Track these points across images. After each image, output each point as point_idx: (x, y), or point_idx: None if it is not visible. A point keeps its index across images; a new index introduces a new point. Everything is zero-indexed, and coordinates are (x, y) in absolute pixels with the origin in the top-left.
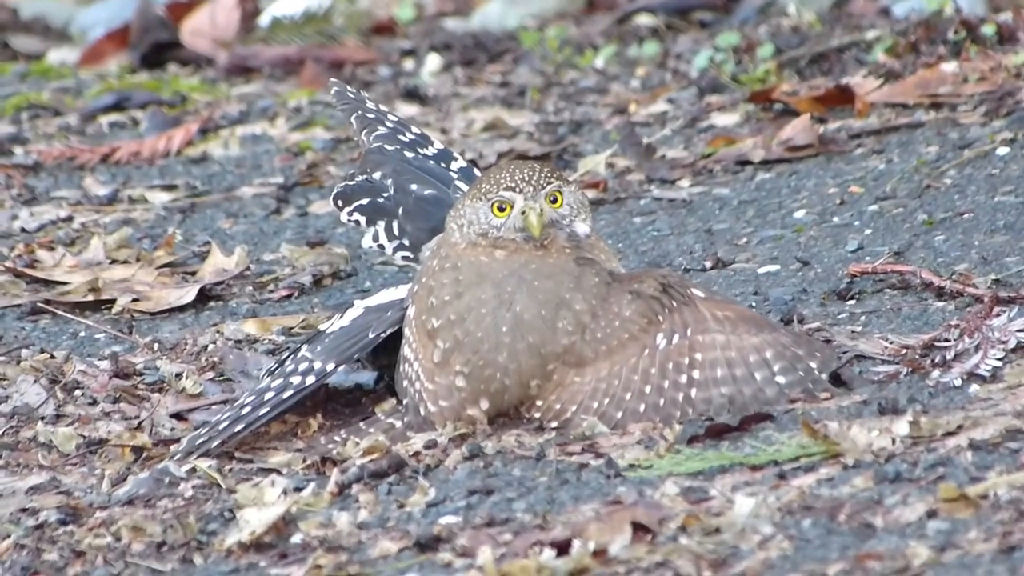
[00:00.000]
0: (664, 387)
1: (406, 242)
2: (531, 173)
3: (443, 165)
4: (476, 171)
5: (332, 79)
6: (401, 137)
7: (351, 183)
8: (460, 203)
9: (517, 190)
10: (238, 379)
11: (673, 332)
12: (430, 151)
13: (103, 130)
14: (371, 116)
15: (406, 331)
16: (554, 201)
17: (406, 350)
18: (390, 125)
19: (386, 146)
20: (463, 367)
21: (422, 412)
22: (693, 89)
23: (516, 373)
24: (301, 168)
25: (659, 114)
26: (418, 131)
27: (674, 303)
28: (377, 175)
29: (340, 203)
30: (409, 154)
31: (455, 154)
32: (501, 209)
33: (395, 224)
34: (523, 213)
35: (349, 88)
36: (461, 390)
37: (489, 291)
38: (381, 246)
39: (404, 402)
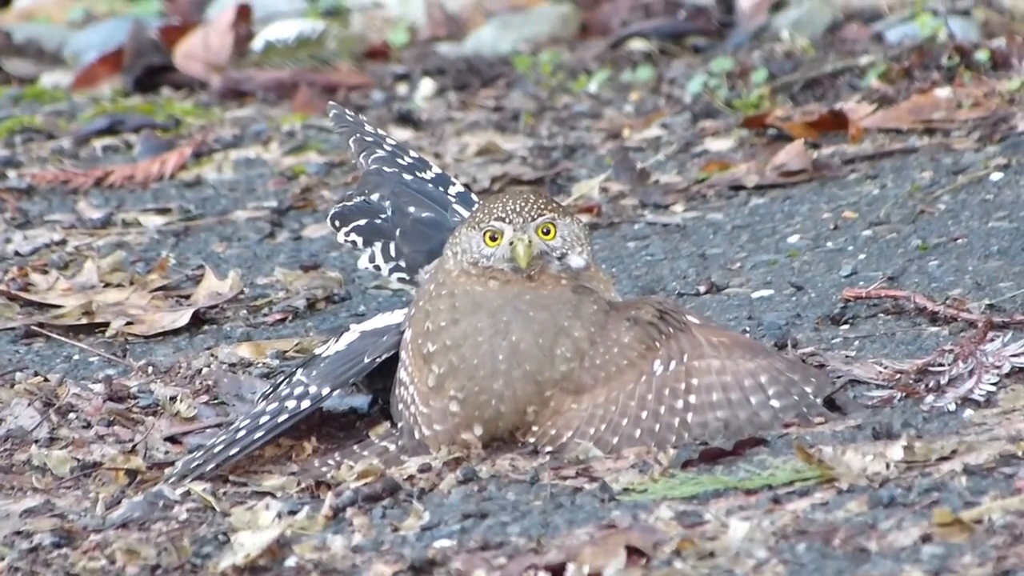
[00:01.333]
0: (660, 412)
1: (402, 264)
2: (523, 204)
3: (441, 189)
4: (473, 196)
5: (331, 102)
6: (399, 160)
7: (349, 204)
8: (457, 230)
9: (507, 220)
10: (232, 403)
11: (670, 358)
12: (428, 175)
13: (97, 153)
14: (369, 139)
15: (402, 354)
16: (547, 233)
17: (402, 373)
18: (388, 148)
19: (385, 168)
20: (457, 392)
21: (416, 435)
22: (687, 114)
23: (512, 400)
24: (295, 192)
25: (653, 139)
26: (416, 155)
27: (671, 329)
28: (375, 196)
29: (337, 223)
30: (408, 176)
31: (453, 179)
32: (492, 239)
33: (392, 246)
34: (511, 244)
35: (348, 111)
36: (455, 415)
37: (485, 320)
38: (377, 267)
39: (399, 425)
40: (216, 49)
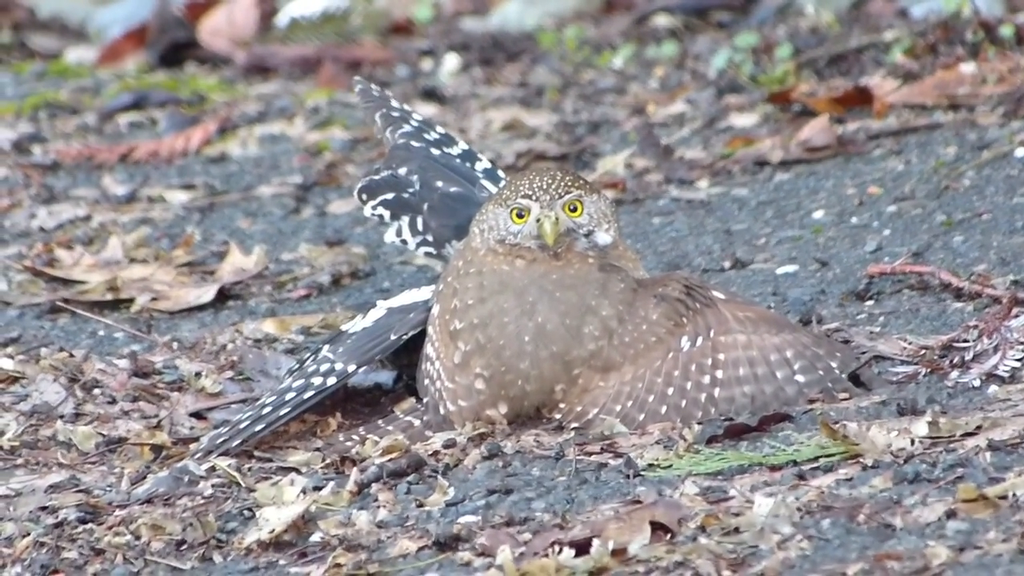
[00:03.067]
0: (687, 388)
1: (430, 238)
2: (550, 181)
3: (468, 164)
4: (499, 172)
5: (356, 77)
6: (426, 136)
7: (376, 177)
8: (484, 207)
9: (534, 198)
10: (257, 378)
11: (697, 334)
12: (455, 150)
13: (121, 129)
14: (396, 114)
15: (430, 329)
16: (573, 210)
17: (429, 348)
18: (415, 124)
19: (412, 142)
20: (483, 370)
21: (442, 411)
22: (711, 90)
23: (538, 380)
24: (319, 168)
25: (677, 115)
26: (443, 130)
27: (698, 305)
28: (403, 170)
29: (364, 197)
30: (435, 152)
31: (479, 155)
32: (520, 216)
33: (419, 220)
34: (538, 221)
35: (374, 86)
36: (480, 392)
37: (511, 300)
38: (404, 241)
39: (425, 400)
40: (241, 25)
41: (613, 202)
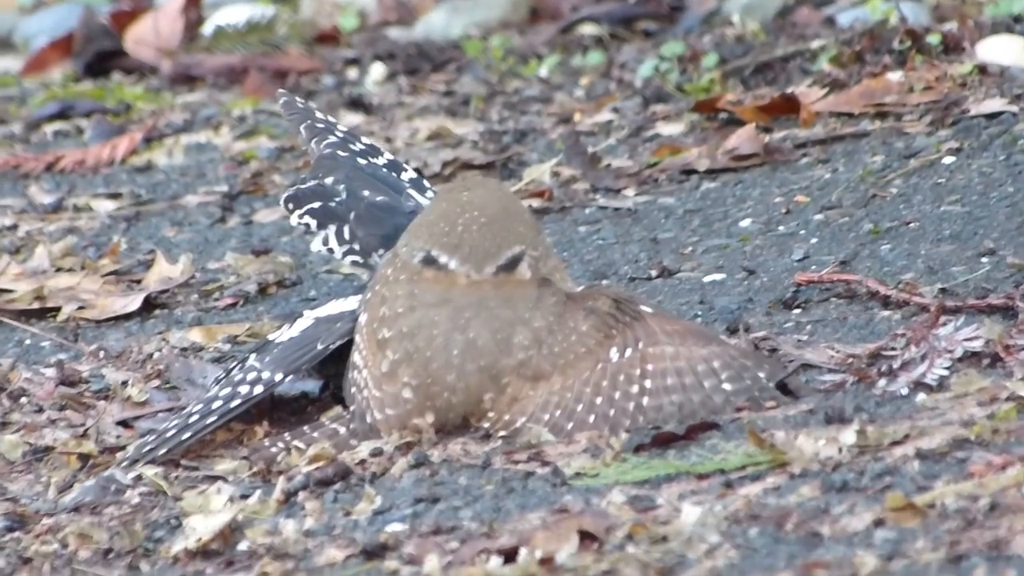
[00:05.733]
0: (615, 397)
1: (356, 247)
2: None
3: (394, 174)
4: (425, 182)
5: (280, 90)
6: (351, 146)
7: (303, 187)
8: (410, 230)
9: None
10: (184, 387)
11: (626, 346)
12: (380, 160)
13: (47, 138)
14: (320, 126)
15: (357, 337)
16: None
17: (356, 357)
18: (340, 135)
19: (339, 152)
20: (411, 379)
21: (368, 419)
22: (638, 98)
23: (464, 392)
24: (246, 177)
25: (604, 123)
26: (368, 142)
27: (627, 318)
28: (329, 180)
29: (291, 206)
30: (361, 161)
31: (405, 164)
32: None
33: (346, 229)
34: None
35: (298, 98)
36: (408, 401)
37: (444, 312)
38: (331, 250)
39: (351, 408)
40: (166, 34)
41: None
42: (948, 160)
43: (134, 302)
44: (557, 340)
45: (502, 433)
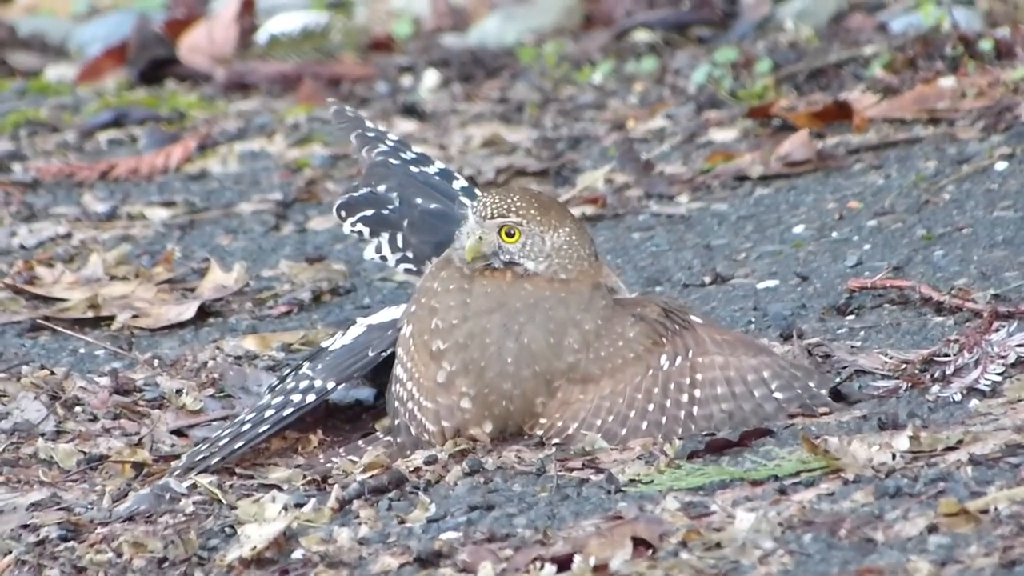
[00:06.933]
0: (666, 405)
1: (410, 255)
2: (492, 200)
3: (446, 182)
4: (476, 190)
5: (331, 99)
6: (402, 155)
7: (355, 194)
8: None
9: (475, 212)
10: (238, 395)
11: (675, 354)
12: (431, 169)
13: (101, 147)
14: (371, 135)
15: (399, 351)
16: (510, 235)
17: (399, 370)
18: (391, 143)
19: (391, 160)
20: (469, 389)
21: (414, 432)
22: (691, 105)
23: (521, 398)
24: (299, 184)
25: (657, 130)
26: (418, 150)
27: (676, 327)
28: (382, 188)
29: (343, 214)
30: (414, 169)
31: (456, 173)
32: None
33: (399, 236)
34: (467, 235)
35: (348, 107)
36: (466, 411)
37: (496, 318)
38: (384, 258)
39: (396, 422)
40: (220, 42)
41: (573, 239)
42: (1001, 166)
43: (188, 310)
44: (604, 344)
45: (555, 440)
